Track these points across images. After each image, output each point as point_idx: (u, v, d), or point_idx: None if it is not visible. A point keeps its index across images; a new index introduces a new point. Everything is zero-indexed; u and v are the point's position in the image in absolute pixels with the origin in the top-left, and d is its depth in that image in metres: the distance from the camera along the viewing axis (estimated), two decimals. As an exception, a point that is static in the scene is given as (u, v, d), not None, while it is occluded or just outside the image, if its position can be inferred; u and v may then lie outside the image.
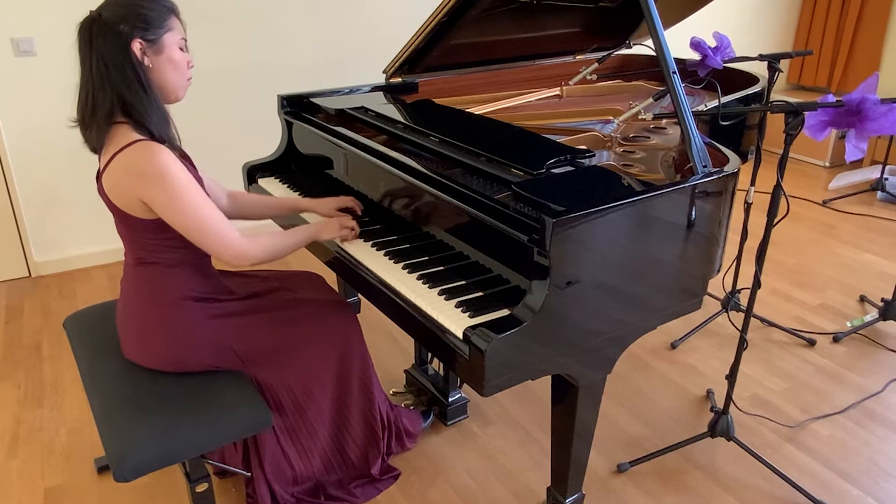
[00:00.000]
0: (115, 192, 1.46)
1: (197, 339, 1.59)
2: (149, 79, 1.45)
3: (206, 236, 1.47)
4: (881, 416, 2.28)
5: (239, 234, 1.52)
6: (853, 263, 3.38)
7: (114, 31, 1.39)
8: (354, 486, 1.87)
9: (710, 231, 1.61)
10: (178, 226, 1.45)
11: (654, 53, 1.65)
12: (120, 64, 1.40)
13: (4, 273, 3.18)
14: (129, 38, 1.40)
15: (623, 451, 2.11)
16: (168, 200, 1.41)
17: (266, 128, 3.49)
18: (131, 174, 1.41)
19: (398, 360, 2.56)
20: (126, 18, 1.40)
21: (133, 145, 1.41)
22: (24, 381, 2.44)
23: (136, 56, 1.42)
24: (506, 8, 2.20)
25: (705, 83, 2.47)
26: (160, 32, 1.45)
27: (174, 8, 1.49)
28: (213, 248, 1.49)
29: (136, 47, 1.41)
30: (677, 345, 2.66)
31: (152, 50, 1.44)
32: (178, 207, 1.42)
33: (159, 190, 1.41)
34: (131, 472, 1.38)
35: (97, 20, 1.40)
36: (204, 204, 1.46)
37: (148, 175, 1.40)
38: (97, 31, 1.39)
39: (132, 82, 1.42)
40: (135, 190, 1.42)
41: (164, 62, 1.46)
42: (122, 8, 1.41)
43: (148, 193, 1.41)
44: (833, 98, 1.63)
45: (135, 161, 1.40)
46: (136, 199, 1.44)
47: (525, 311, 1.34)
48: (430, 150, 1.80)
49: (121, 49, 1.40)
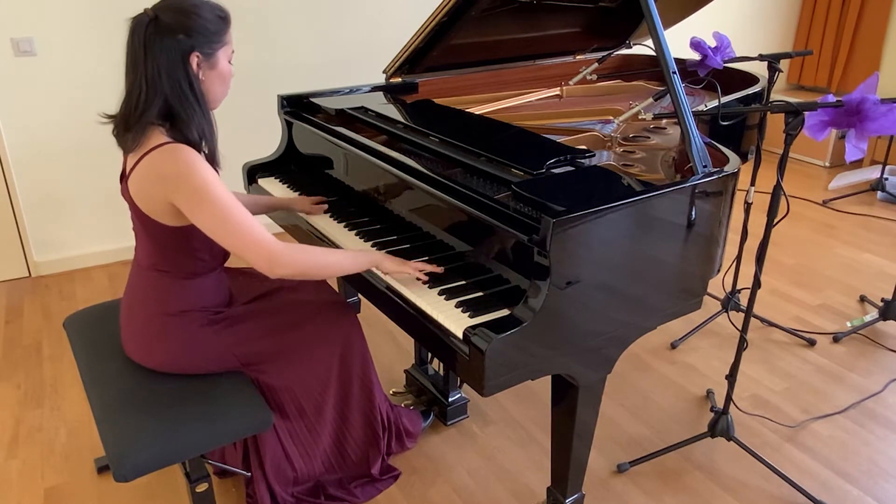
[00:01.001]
0: (140, 195, 1.43)
1: (200, 347, 1.58)
2: (201, 91, 1.43)
3: (235, 237, 1.39)
4: (881, 416, 2.28)
5: (273, 237, 1.44)
6: (853, 263, 3.38)
7: (173, 39, 1.36)
8: (354, 486, 1.87)
9: (710, 231, 1.61)
10: (207, 227, 1.39)
11: (654, 53, 1.65)
12: (175, 74, 1.38)
13: (4, 273, 3.18)
14: (189, 50, 1.38)
15: (623, 451, 2.11)
16: (195, 200, 1.37)
17: (266, 128, 3.49)
18: (159, 177, 1.38)
19: (398, 360, 2.56)
20: (187, 30, 1.37)
21: (160, 148, 1.38)
22: (24, 381, 2.44)
23: (193, 69, 1.40)
24: (506, 8, 2.20)
25: (705, 83, 2.47)
26: (216, 47, 1.43)
27: (229, 19, 1.47)
28: (243, 250, 1.40)
29: (193, 61, 1.40)
30: (677, 345, 2.66)
31: (207, 64, 1.43)
32: (206, 208, 1.37)
33: (186, 189, 1.36)
34: (131, 472, 1.37)
35: (154, 22, 1.36)
36: (233, 204, 1.39)
37: (175, 176, 1.36)
38: (154, 34, 1.36)
39: (186, 93, 1.40)
40: (163, 193, 1.39)
41: (214, 76, 1.46)
42: (182, 17, 1.37)
43: (176, 195, 1.38)
44: (833, 98, 1.63)
45: (162, 164, 1.38)
46: (164, 202, 1.41)
47: (525, 311, 1.34)
48: (430, 150, 1.80)
49: (178, 60, 1.38)
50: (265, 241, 1.41)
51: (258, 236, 1.40)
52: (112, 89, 3.09)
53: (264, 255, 1.40)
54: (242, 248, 1.40)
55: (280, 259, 1.41)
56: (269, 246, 1.41)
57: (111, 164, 3.21)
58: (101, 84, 3.07)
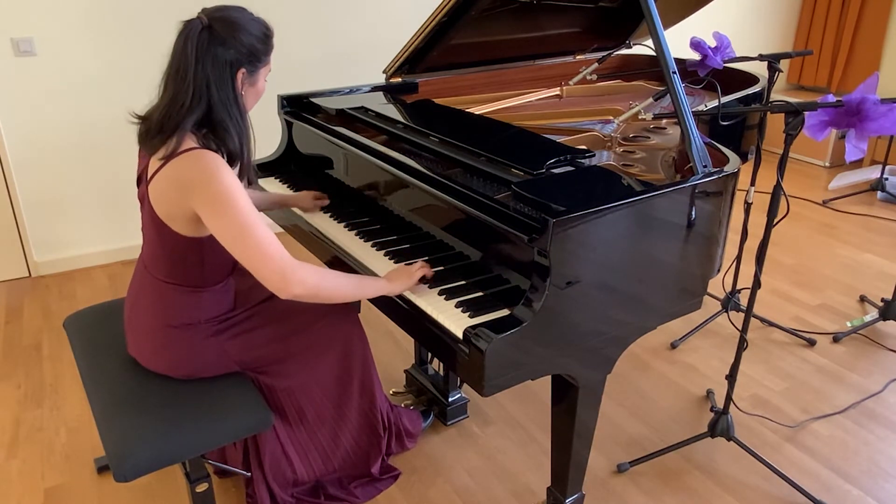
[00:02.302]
0: (162, 199, 1.42)
1: (203, 357, 1.58)
2: (243, 105, 1.46)
3: (251, 250, 1.35)
4: (881, 416, 2.28)
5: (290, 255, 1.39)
6: (853, 263, 3.38)
7: (224, 51, 1.38)
8: (354, 486, 1.87)
9: (710, 231, 1.61)
10: (223, 236, 1.36)
11: (654, 53, 1.65)
12: (224, 86, 1.40)
13: (4, 273, 3.18)
14: (238, 65, 1.41)
15: (623, 451, 2.11)
16: (215, 206, 1.34)
17: (266, 128, 3.49)
18: (182, 182, 1.36)
19: (398, 360, 2.56)
20: (237, 43, 1.39)
21: (186, 153, 1.37)
22: (24, 381, 2.44)
23: (238, 84, 1.43)
24: (506, 8, 2.20)
25: (705, 83, 2.47)
26: (260, 66, 1.47)
27: (273, 38, 1.49)
28: (258, 265, 1.36)
29: (239, 76, 1.42)
30: (677, 345, 2.66)
31: (249, 81, 1.46)
32: (226, 216, 1.34)
33: (209, 196, 1.34)
34: (131, 472, 1.38)
35: (209, 31, 1.37)
36: (254, 217, 1.36)
37: (199, 181, 1.35)
38: (208, 43, 1.37)
39: (231, 105, 1.42)
40: (185, 199, 1.37)
41: (252, 93, 1.50)
42: (236, 31, 1.39)
43: (198, 200, 1.35)
44: (833, 98, 1.63)
45: (188, 169, 1.36)
46: (185, 208, 1.39)
47: (525, 311, 1.34)
48: (430, 150, 1.80)
49: (227, 73, 1.40)
50: (281, 258, 1.37)
51: (275, 252, 1.36)
52: (112, 89, 3.09)
53: (278, 272, 1.36)
54: (257, 263, 1.36)
55: (293, 278, 1.37)
56: (284, 264, 1.36)
57: (111, 163, 3.21)
58: (101, 84, 3.07)
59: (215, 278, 1.56)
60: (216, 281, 1.57)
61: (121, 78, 3.10)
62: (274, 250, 1.36)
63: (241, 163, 1.47)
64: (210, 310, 1.58)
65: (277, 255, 1.36)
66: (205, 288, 1.55)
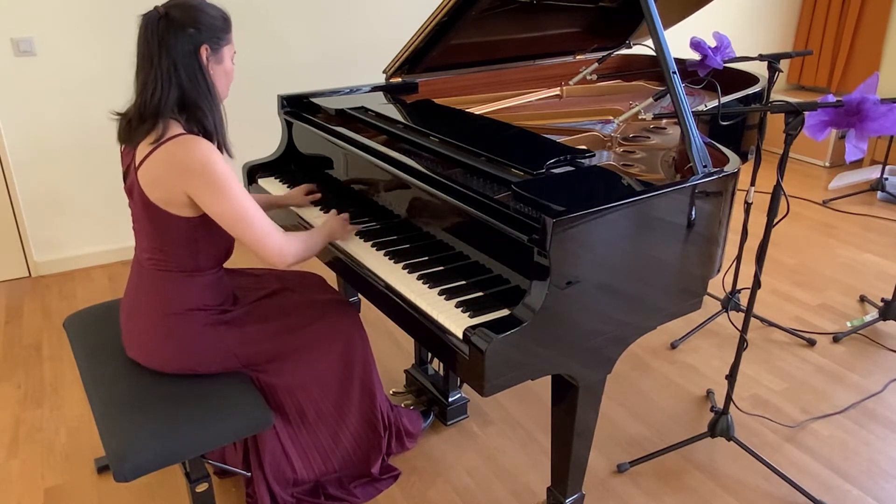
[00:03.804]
0: (154, 184, 1.45)
1: (202, 348, 1.58)
2: (212, 82, 1.49)
3: (250, 229, 1.47)
4: (881, 416, 2.28)
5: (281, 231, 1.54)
6: (853, 263, 3.38)
7: (184, 32, 1.43)
8: (354, 486, 1.87)
9: (710, 231, 1.61)
10: (224, 218, 1.45)
11: (654, 53, 1.65)
12: (190, 65, 1.44)
13: (4, 273, 3.18)
14: (199, 43, 1.45)
15: (623, 451, 2.11)
16: (215, 192, 1.42)
17: (266, 128, 3.49)
18: (176, 167, 1.42)
19: (398, 360, 2.57)
20: (197, 24, 1.44)
21: (178, 139, 1.42)
22: (24, 381, 2.44)
23: (203, 61, 1.46)
24: (506, 8, 2.20)
25: (705, 83, 2.47)
26: (222, 43, 1.51)
27: (230, 21, 1.54)
28: (258, 243, 1.49)
29: (203, 53, 1.46)
30: (677, 345, 2.66)
31: (214, 59, 1.50)
32: (223, 199, 1.43)
33: (207, 181, 1.41)
34: (131, 472, 1.38)
35: (165, 18, 1.42)
36: (249, 199, 1.47)
37: (197, 167, 1.41)
38: (166, 28, 1.42)
39: (200, 84, 1.46)
40: (179, 183, 1.43)
41: (220, 71, 1.53)
42: (192, 12, 1.44)
43: (193, 186, 1.42)
44: (833, 98, 1.63)
45: (179, 154, 1.41)
46: (178, 192, 1.44)
47: (525, 311, 1.34)
48: (430, 150, 1.80)
49: (192, 51, 1.44)
50: (277, 234, 1.52)
51: (270, 231, 1.51)
52: (112, 89, 3.09)
53: (276, 248, 1.52)
54: (257, 242, 1.49)
55: (287, 250, 1.54)
56: (280, 239, 1.53)
57: (111, 163, 3.21)
58: (100, 84, 3.07)
59: (209, 263, 1.59)
60: (209, 266, 1.60)
61: (121, 78, 3.10)
62: (271, 229, 1.51)
63: (217, 140, 1.52)
64: (206, 296, 1.59)
65: (273, 233, 1.52)
66: (199, 272, 1.58)
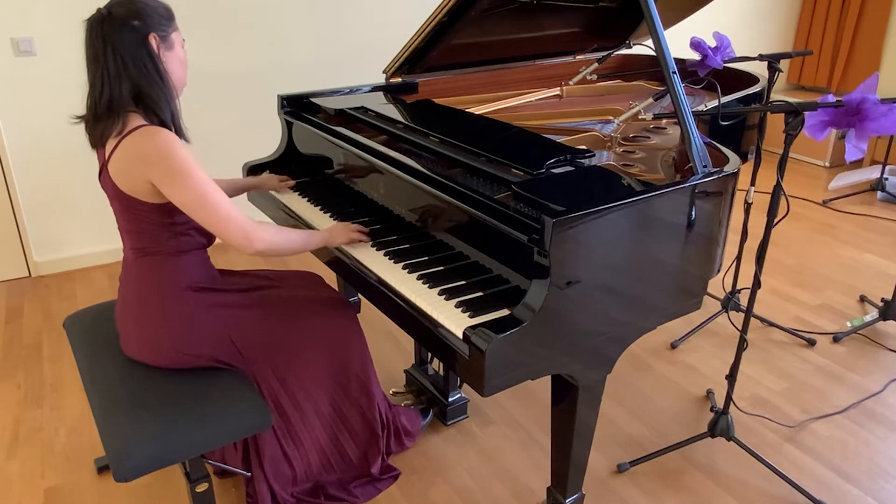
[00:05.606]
0: (121, 176, 1.48)
1: (197, 329, 1.59)
2: (165, 70, 1.50)
3: (213, 214, 1.46)
4: (881, 416, 2.28)
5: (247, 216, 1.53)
6: (853, 263, 3.38)
7: (128, 26, 1.44)
8: (354, 486, 1.87)
9: (709, 231, 1.61)
10: (186, 204, 1.46)
11: (654, 53, 1.65)
12: (138, 56, 1.45)
13: (4, 273, 3.18)
14: (146, 31, 1.46)
15: (623, 451, 2.11)
16: (175, 179, 1.43)
17: (266, 128, 3.49)
18: (138, 157, 1.44)
19: (398, 360, 2.57)
20: (140, 16, 1.46)
21: (138, 130, 1.44)
22: (24, 381, 2.44)
23: (154, 49, 1.47)
24: (506, 8, 2.20)
25: (705, 83, 2.47)
26: (168, 30, 1.52)
27: (173, 13, 1.56)
28: (221, 227, 1.48)
29: (152, 42, 1.47)
30: (677, 345, 2.66)
31: (164, 45, 1.51)
32: (184, 185, 1.44)
33: (165, 169, 1.43)
34: (131, 472, 1.38)
35: (108, 17, 1.43)
36: (211, 185, 1.48)
37: (155, 157, 1.42)
38: (110, 26, 1.43)
39: (151, 72, 1.47)
40: (142, 172, 1.44)
41: (172, 58, 1.54)
42: (132, 6, 1.46)
43: (154, 174, 1.44)
44: (833, 98, 1.63)
45: (140, 144, 1.43)
46: (144, 182, 1.46)
47: (525, 311, 1.34)
48: (430, 150, 1.80)
49: (138, 42, 1.45)
50: (240, 218, 1.50)
51: (233, 214, 1.49)
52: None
53: (240, 232, 1.49)
54: (220, 225, 1.48)
55: (255, 235, 1.51)
56: (244, 223, 1.50)
57: (111, 164, 3.21)
58: (101, 84, 3.07)
59: (190, 243, 1.60)
60: (194, 246, 1.61)
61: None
62: (234, 213, 1.49)
63: (174, 126, 1.53)
64: (192, 273, 1.61)
65: (237, 216, 1.49)
66: (183, 252, 1.59)
